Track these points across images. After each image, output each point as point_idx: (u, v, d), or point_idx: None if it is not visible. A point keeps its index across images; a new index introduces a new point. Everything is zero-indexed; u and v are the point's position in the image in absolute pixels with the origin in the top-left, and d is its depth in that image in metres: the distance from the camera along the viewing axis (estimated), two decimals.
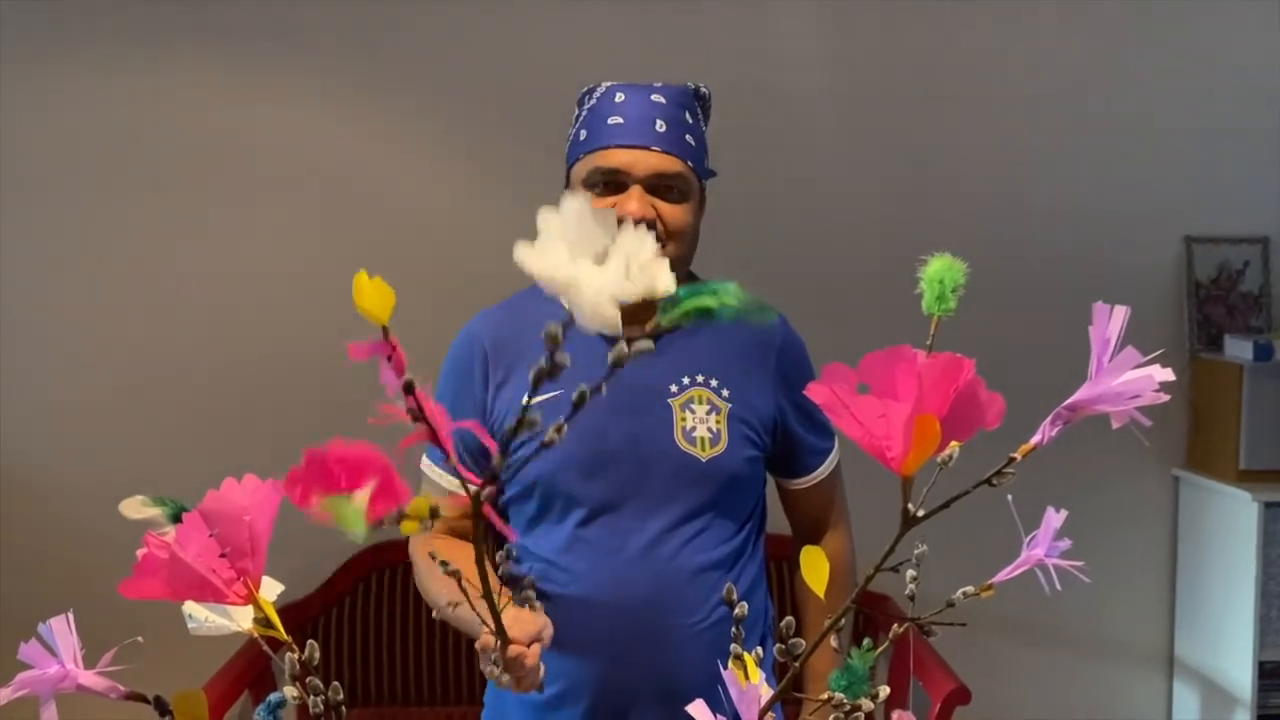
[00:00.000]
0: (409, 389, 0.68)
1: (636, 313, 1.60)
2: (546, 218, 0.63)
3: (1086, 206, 3.13)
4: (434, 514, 0.69)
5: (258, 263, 3.00)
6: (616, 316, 0.63)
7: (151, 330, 2.99)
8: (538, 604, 0.96)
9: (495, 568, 0.87)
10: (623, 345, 0.70)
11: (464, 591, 0.83)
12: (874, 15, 3.05)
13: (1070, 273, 3.09)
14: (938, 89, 3.08)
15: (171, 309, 2.99)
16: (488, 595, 0.78)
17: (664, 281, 0.64)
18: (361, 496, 0.62)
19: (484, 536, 0.75)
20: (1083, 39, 3.10)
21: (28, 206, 2.96)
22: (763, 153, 2.98)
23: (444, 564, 0.88)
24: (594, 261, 0.64)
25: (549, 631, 1.35)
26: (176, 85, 2.96)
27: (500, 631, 0.85)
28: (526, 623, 1.34)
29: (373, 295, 0.66)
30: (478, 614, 0.84)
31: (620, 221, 0.64)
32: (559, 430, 0.71)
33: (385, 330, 0.67)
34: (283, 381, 3.00)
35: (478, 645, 1.34)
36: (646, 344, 0.69)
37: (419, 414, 0.67)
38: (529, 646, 1.31)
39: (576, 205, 0.62)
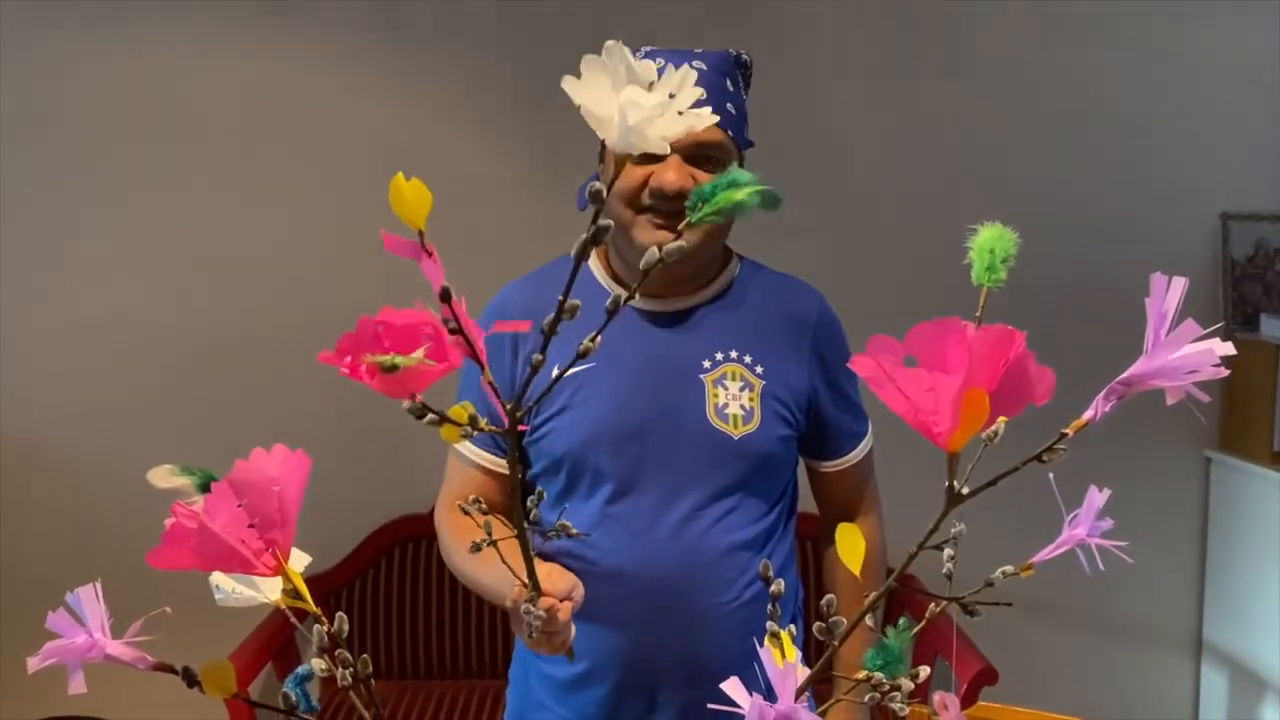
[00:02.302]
0: (445, 296, 0.66)
1: (670, 285, 1.59)
2: (589, 59, 0.62)
3: (1123, 183, 3.08)
4: (474, 422, 0.68)
5: (282, 234, 2.99)
6: (659, 136, 0.62)
7: (174, 308, 2.99)
8: (568, 574, 0.96)
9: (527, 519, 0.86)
10: (654, 250, 0.70)
11: (496, 550, 0.82)
12: (910, 4, 3.01)
13: (1107, 250, 3.05)
14: (967, 64, 3.03)
15: (193, 279, 2.99)
16: (522, 537, 0.77)
17: (703, 120, 0.63)
18: (416, 356, 0.61)
19: (518, 492, 0.74)
20: (1119, 17, 3.05)
21: (43, 173, 2.96)
22: (796, 127, 2.95)
23: (478, 504, 0.87)
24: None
25: (580, 592, 1.34)
26: (190, 55, 2.95)
27: (533, 579, 0.84)
28: (559, 578, 1.33)
29: (409, 198, 0.65)
30: (509, 568, 0.83)
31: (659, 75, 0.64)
32: (591, 345, 0.71)
33: (421, 234, 0.66)
34: (307, 354, 2.99)
35: (509, 600, 1.33)
36: (680, 244, 0.70)
37: (456, 325, 0.66)
38: (560, 603, 1.30)
39: (618, 49, 0.61)
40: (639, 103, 0.61)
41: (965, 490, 0.75)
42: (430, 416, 0.66)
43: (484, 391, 0.72)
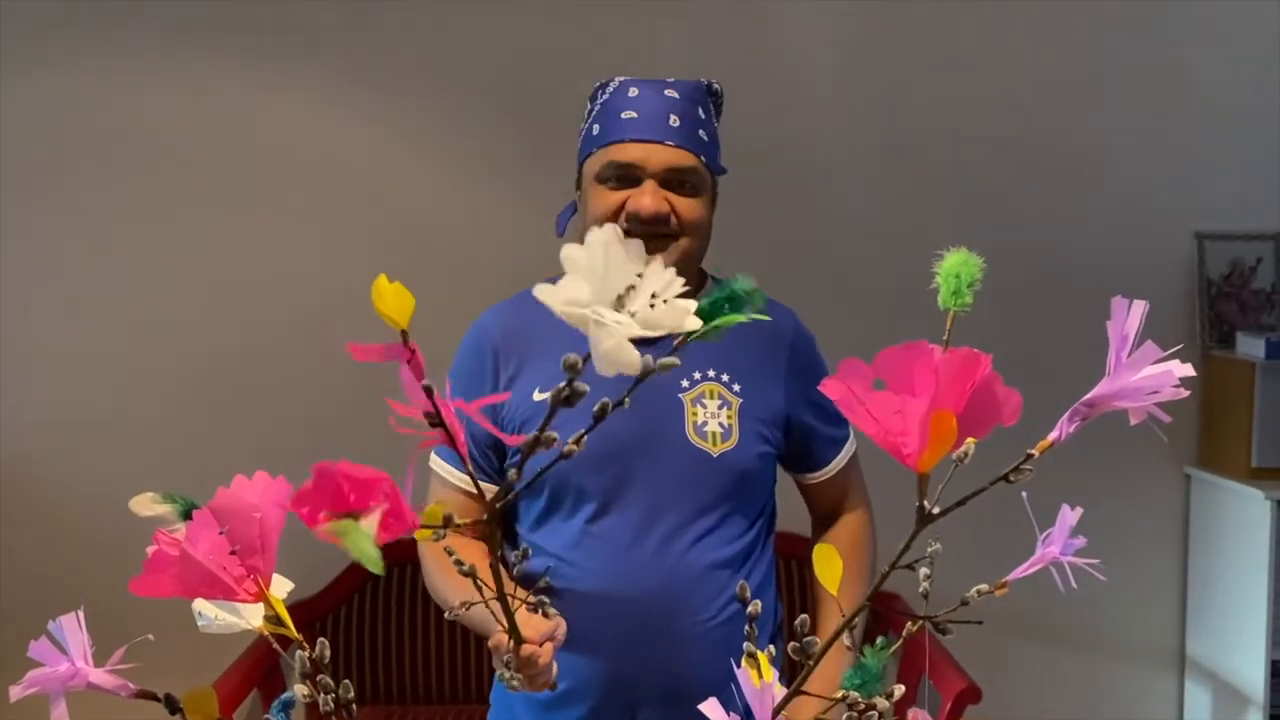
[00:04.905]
0: (428, 393, 0.68)
1: None
2: (572, 253, 0.62)
3: (1097, 202, 3.11)
4: (448, 522, 0.69)
5: (266, 260, 3.00)
6: (636, 360, 0.62)
7: (160, 327, 2.99)
8: (552, 611, 0.96)
9: (509, 567, 0.87)
10: (649, 359, 0.70)
11: (479, 590, 0.83)
12: (883, 13, 3.04)
13: (1081, 269, 3.08)
14: (946, 86, 3.07)
15: (180, 306, 2.99)
16: (501, 597, 0.78)
17: (690, 322, 0.64)
18: (370, 521, 0.63)
19: (498, 536, 0.75)
20: (1093, 34, 3.09)
21: (32, 202, 2.96)
22: (773, 148, 2.97)
23: (459, 563, 0.87)
24: (616, 302, 0.62)
25: (562, 630, 1.35)
26: (185, 81, 2.96)
27: (514, 632, 0.85)
28: (540, 621, 1.34)
29: (392, 299, 0.67)
30: (492, 613, 0.84)
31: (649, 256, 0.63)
32: (578, 442, 0.72)
33: (404, 334, 0.68)
34: (290, 379, 3.00)
35: (490, 644, 1.34)
36: (672, 360, 0.71)
37: (437, 419, 0.68)
38: (541, 646, 1.31)
39: (605, 237, 0.61)
40: (610, 330, 0.60)
41: (936, 510, 0.77)
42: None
43: (469, 419, 0.74)
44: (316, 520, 0.63)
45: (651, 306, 0.63)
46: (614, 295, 0.62)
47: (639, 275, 0.63)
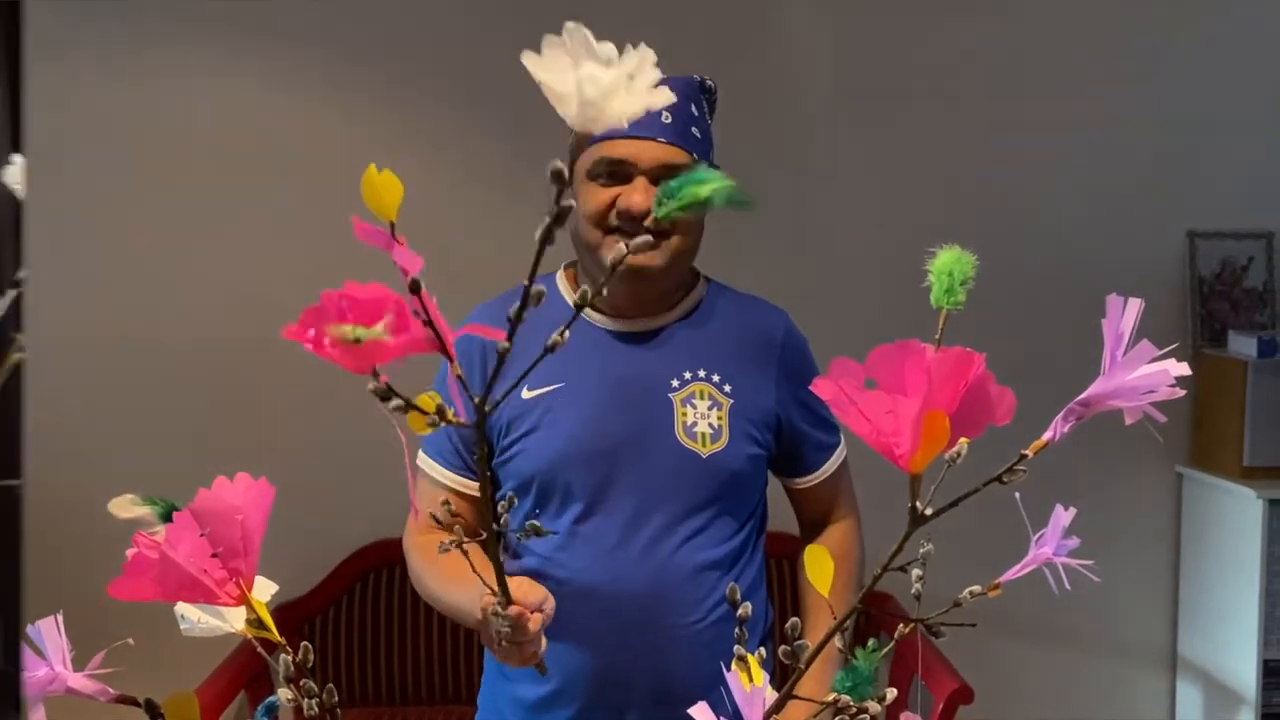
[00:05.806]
0: (415, 288, 0.66)
1: (639, 306, 1.59)
2: (550, 39, 0.63)
3: (1090, 201, 3.11)
4: (440, 412, 0.68)
5: (257, 260, 2.98)
6: (622, 109, 0.63)
7: (142, 329, 2.97)
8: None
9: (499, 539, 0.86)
10: (622, 246, 0.72)
11: (468, 561, 0.82)
12: (880, 12, 3.03)
13: (1073, 268, 3.07)
14: (939, 84, 3.06)
15: (170, 307, 2.97)
16: (491, 545, 0.77)
17: (660, 98, 0.64)
18: (378, 329, 0.61)
19: (490, 492, 0.75)
20: (1086, 32, 3.08)
21: (28, 203, 2.94)
22: (767, 146, 2.96)
23: (454, 536, 0.87)
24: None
25: (551, 605, 1.34)
26: (189, 78, 2.94)
27: (504, 591, 0.84)
28: (530, 590, 1.33)
29: (380, 189, 0.66)
30: (480, 578, 0.83)
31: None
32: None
33: (392, 226, 0.66)
34: (280, 379, 2.98)
35: (479, 611, 1.32)
36: (646, 238, 0.74)
37: (424, 316, 0.66)
38: (530, 614, 1.30)
39: (579, 30, 0.62)
40: (597, 78, 0.61)
41: (929, 511, 0.76)
42: (396, 401, 0.67)
43: (454, 397, 0.73)
44: (321, 342, 0.62)
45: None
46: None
47: (615, 58, 0.64)
